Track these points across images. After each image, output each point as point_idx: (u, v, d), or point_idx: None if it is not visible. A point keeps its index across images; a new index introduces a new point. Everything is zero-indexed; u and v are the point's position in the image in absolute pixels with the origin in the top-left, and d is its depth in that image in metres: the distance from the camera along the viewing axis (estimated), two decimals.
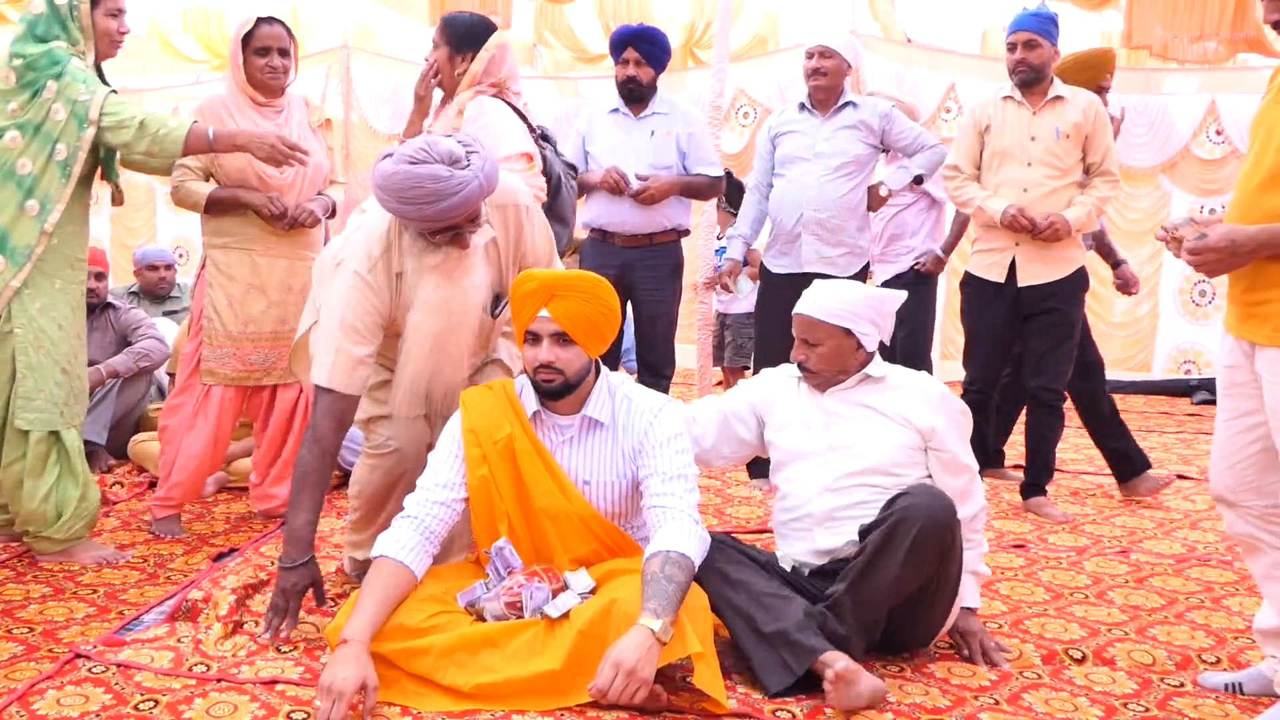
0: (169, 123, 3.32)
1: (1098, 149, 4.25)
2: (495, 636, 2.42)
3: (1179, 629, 3.04)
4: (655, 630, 2.29)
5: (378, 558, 2.53)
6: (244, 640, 2.75)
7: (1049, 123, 4.23)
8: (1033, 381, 4.37)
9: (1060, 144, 4.21)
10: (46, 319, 3.34)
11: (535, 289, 2.61)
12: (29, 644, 2.75)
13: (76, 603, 3.08)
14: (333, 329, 2.76)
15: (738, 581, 2.62)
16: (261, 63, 3.70)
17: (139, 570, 3.40)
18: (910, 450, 2.79)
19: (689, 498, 2.60)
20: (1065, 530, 4.11)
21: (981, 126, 4.35)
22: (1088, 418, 4.75)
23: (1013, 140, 4.27)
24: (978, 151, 4.37)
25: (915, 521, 2.52)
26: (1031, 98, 4.28)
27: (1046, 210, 4.19)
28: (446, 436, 2.72)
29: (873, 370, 2.87)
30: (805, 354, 2.85)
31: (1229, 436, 2.51)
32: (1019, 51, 4.24)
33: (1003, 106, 4.33)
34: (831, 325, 2.80)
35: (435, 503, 2.63)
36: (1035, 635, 2.97)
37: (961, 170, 4.40)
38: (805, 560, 2.82)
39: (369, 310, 2.78)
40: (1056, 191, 4.22)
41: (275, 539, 3.72)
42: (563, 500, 2.65)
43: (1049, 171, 4.22)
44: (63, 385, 3.37)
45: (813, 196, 4.50)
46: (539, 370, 2.64)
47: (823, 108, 4.58)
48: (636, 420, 2.69)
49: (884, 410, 2.82)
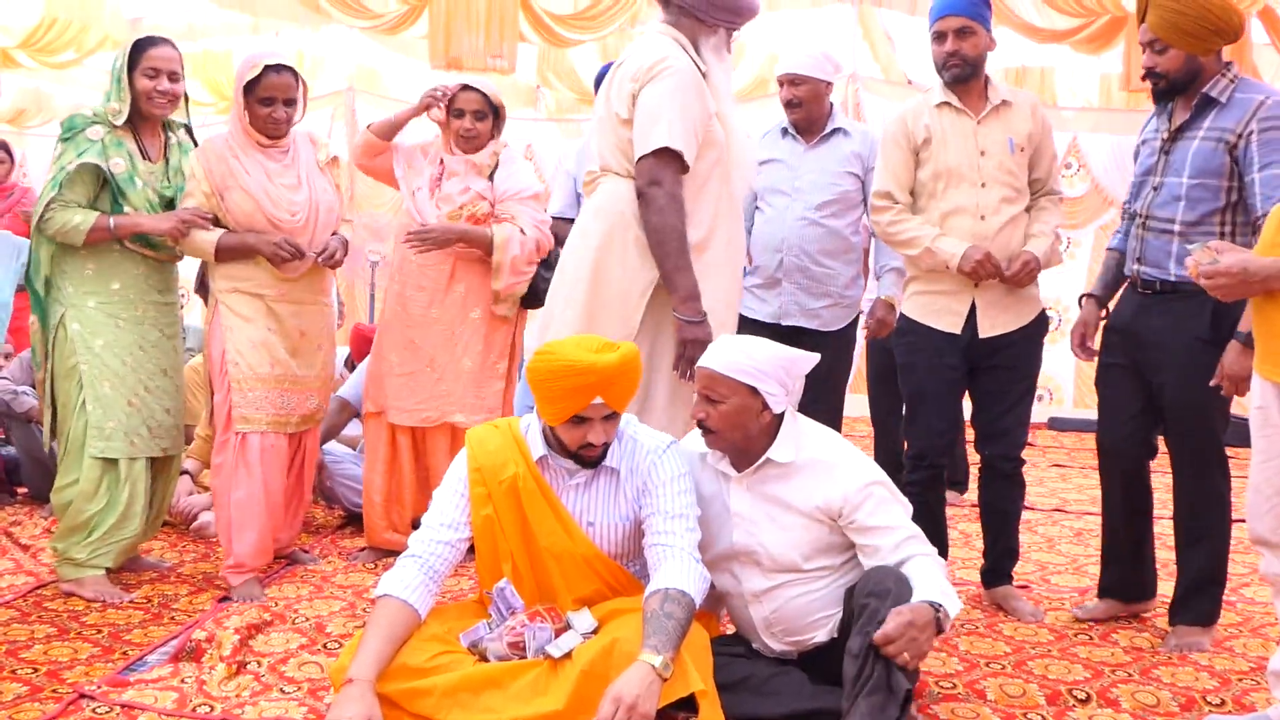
0: (73, 219, 3.44)
1: (1044, 163, 3.49)
2: (498, 677, 2.42)
3: (1183, 670, 3.04)
4: (656, 666, 2.30)
5: (382, 596, 2.54)
6: (248, 681, 2.76)
7: (998, 133, 3.41)
8: (986, 449, 3.54)
9: (1016, 158, 3.41)
10: (110, 354, 3.52)
11: (594, 382, 2.52)
12: (33, 684, 2.75)
13: (81, 643, 3.08)
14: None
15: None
16: (265, 113, 3.55)
17: (143, 610, 3.40)
18: (823, 543, 2.64)
19: (690, 536, 2.61)
20: (1069, 571, 4.10)
21: (916, 141, 3.46)
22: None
23: (959, 157, 3.41)
24: (912, 173, 3.49)
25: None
26: (971, 102, 3.44)
27: (1006, 243, 3.39)
28: (452, 476, 2.73)
29: (777, 454, 2.63)
30: (706, 411, 2.61)
31: (1265, 478, 2.50)
32: (949, 42, 3.38)
33: (939, 115, 3.46)
34: (736, 382, 2.58)
35: (440, 542, 2.64)
36: (1039, 676, 2.96)
37: (894, 198, 3.49)
38: (782, 653, 2.74)
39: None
40: (1015, 219, 3.41)
41: (280, 579, 3.72)
42: (567, 540, 2.66)
43: (1005, 193, 3.40)
44: (131, 415, 3.54)
45: (793, 240, 3.98)
46: (587, 448, 2.62)
47: (806, 135, 4.12)
48: (641, 461, 2.70)
49: (791, 503, 2.63)
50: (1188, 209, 3.14)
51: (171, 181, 3.65)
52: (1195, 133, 3.16)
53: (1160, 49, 3.16)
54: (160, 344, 3.65)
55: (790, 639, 2.69)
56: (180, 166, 3.68)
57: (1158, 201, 3.20)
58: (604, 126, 3.13)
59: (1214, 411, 3.20)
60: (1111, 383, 3.38)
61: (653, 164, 2.95)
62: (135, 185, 3.54)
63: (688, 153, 2.97)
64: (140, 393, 3.58)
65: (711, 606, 2.85)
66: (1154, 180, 3.24)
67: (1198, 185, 3.13)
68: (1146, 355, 3.25)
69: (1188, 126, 3.18)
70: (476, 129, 3.89)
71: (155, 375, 3.63)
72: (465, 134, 3.88)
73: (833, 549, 2.66)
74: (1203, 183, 3.13)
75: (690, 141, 2.97)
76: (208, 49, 11.46)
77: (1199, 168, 3.13)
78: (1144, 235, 3.24)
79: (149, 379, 3.61)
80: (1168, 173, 3.20)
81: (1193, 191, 3.14)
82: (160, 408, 3.64)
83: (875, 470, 2.66)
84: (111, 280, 3.56)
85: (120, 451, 3.54)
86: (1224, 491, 3.24)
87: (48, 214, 3.45)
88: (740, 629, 2.85)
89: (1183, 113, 3.22)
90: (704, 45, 3.09)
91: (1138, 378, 3.29)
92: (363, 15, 9.07)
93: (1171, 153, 3.21)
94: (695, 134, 2.99)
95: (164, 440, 3.67)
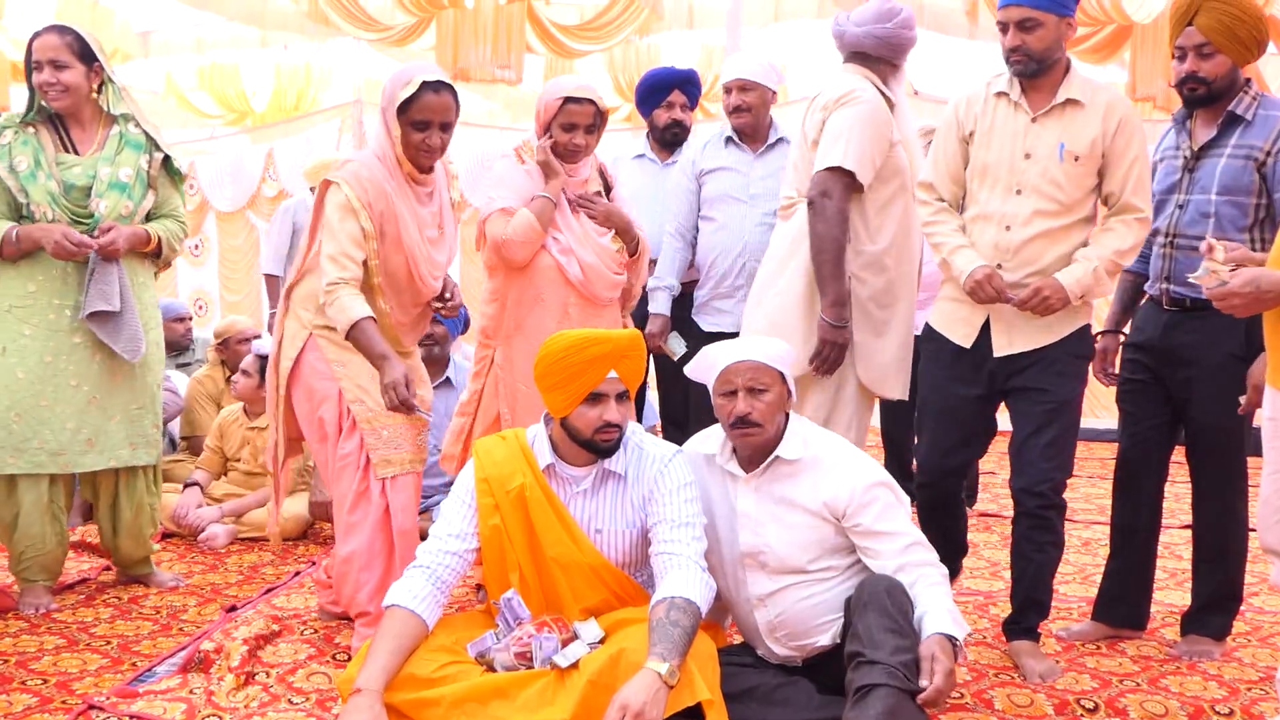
0: None
1: (1118, 175, 3.00)
2: (505, 687, 2.42)
3: (1191, 680, 3.03)
4: (662, 673, 2.30)
5: (390, 607, 2.55)
6: (256, 691, 2.77)
7: (1052, 135, 3.01)
8: (1014, 482, 3.14)
9: (1067, 168, 3.00)
10: (6, 366, 3.37)
11: (609, 351, 2.61)
12: (43, 695, 2.77)
13: (90, 654, 3.09)
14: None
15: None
16: (419, 138, 3.07)
17: (152, 621, 3.41)
18: (828, 543, 2.65)
19: (696, 545, 2.61)
20: (1077, 581, 4.09)
21: (965, 130, 3.14)
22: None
23: (1000, 155, 3.06)
24: (961, 165, 3.15)
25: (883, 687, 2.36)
26: (1035, 96, 3.05)
27: (1032, 260, 3.02)
28: (460, 486, 2.74)
29: (786, 451, 2.65)
30: (751, 405, 2.60)
31: (1276, 489, 2.48)
32: (1011, 35, 3.01)
33: (994, 105, 3.11)
34: (776, 371, 2.66)
35: (447, 552, 2.64)
36: (1047, 685, 2.95)
37: (936, 191, 3.19)
38: (786, 658, 2.75)
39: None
40: (1051, 235, 3.01)
41: (287, 590, 3.73)
42: (574, 550, 2.67)
43: (1043, 205, 3.01)
44: (15, 432, 3.37)
45: (754, 245, 3.94)
46: (604, 430, 2.64)
47: (752, 142, 4.13)
48: (647, 469, 2.71)
49: (797, 501, 2.64)
50: (1217, 226, 3.10)
51: (100, 173, 3.43)
52: (1222, 150, 3.12)
53: (1208, 53, 3.05)
54: (77, 351, 3.43)
55: (794, 643, 2.70)
56: (116, 157, 3.48)
57: (1185, 220, 3.15)
58: (801, 154, 3.40)
59: (1241, 430, 3.18)
60: (1135, 400, 3.32)
61: (826, 177, 3.22)
62: (36, 180, 3.36)
63: (860, 173, 3.22)
64: (37, 405, 3.38)
65: (717, 616, 2.86)
66: (1178, 198, 3.18)
67: (1227, 202, 3.09)
68: (1176, 372, 3.20)
69: (1213, 144, 3.13)
70: (589, 143, 3.42)
71: (62, 389, 3.40)
72: (573, 149, 3.38)
73: (838, 550, 2.67)
74: (1232, 199, 3.09)
75: (865, 164, 3.23)
76: (216, 61, 11.55)
77: (1227, 185, 3.09)
78: (1172, 253, 3.18)
79: (56, 391, 3.40)
80: (1193, 190, 3.15)
81: (1222, 208, 3.10)
82: (64, 424, 3.41)
83: (879, 470, 2.68)
84: (28, 281, 3.39)
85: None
86: (1243, 509, 3.23)
87: None
88: (744, 635, 2.85)
89: (1205, 130, 3.16)
90: (890, 80, 3.39)
91: (1162, 394, 3.26)
92: (370, 28, 9.12)
93: (1196, 170, 3.16)
94: (873, 158, 3.25)
95: (69, 457, 3.44)
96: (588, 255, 3.39)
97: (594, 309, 3.43)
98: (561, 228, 3.38)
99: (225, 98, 11.76)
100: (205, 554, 4.28)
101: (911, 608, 2.48)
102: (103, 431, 3.49)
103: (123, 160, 3.50)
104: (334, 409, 3.11)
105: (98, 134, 3.53)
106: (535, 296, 3.37)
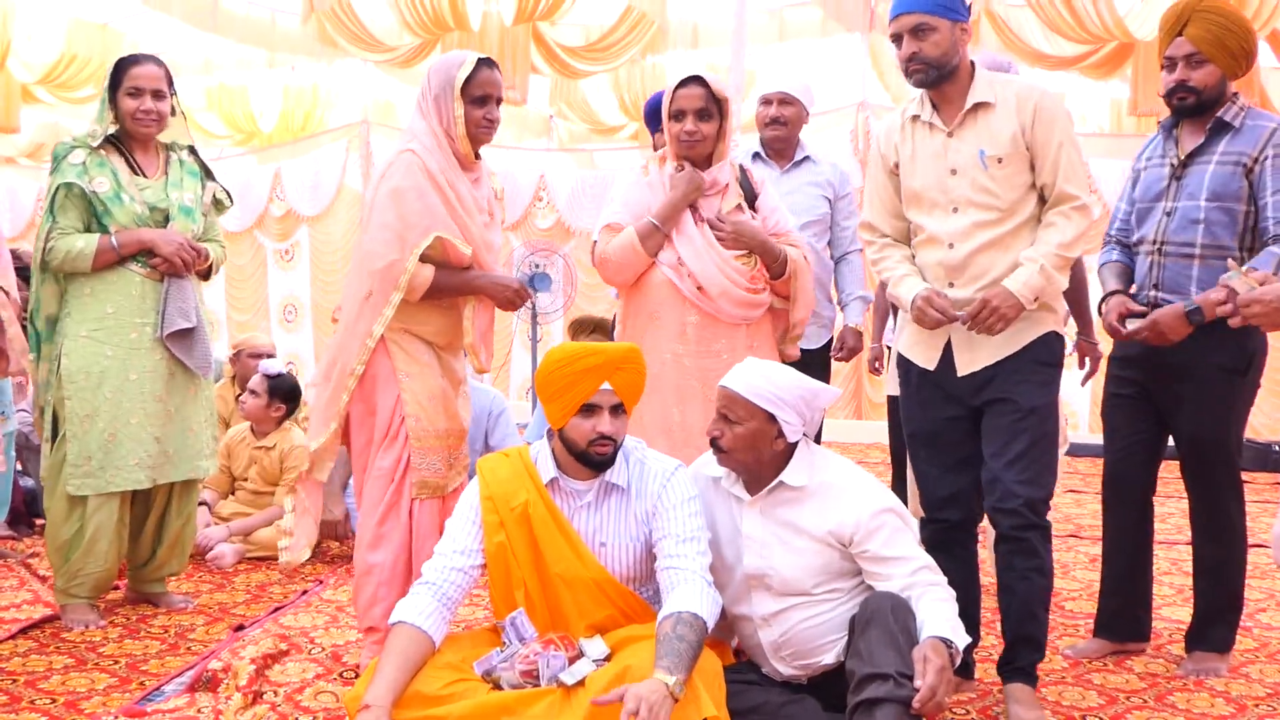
0: (76, 245, 3.43)
1: (1047, 164, 2.81)
2: (512, 704, 2.43)
3: (1199, 696, 3.03)
4: (669, 685, 2.30)
5: (396, 624, 2.56)
6: (264, 711, 2.77)
7: (970, 145, 2.85)
8: (984, 502, 2.96)
9: (993, 173, 2.83)
10: (92, 388, 3.48)
11: (601, 363, 2.62)
12: (51, 714, 2.78)
13: (98, 673, 3.10)
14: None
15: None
16: (480, 114, 3.05)
17: (160, 640, 3.42)
18: (834, 568, 2.64)
19: (701, 560, 2.62)
20: (1084, 598, 4.09)
21: (890, 163, 3.01)
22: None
23: (926, 179, 2.91)
24: (896, 198, 3.01)
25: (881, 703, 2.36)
26: (946, 110, 2.90)
27: (980, 273, 2.86)
28: (464, 504, 2.75)
29: (790, 478, 2.65)
30: (721, 430, 2.64)
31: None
32: (906, 44, 2.84)
33: (911, 131, 2.97)
34: (755, 405, 2.60)
35: (453, 569, 2.65)
36: (1053, 702, 2.96)
37: (878, 230, 3.07)
38: (791, 677, 2.75)
39: None
40: (997, 243, 2.85)
41: (294, 609, 3.74)
42: (579, 565, 2.68)
43: (982, 216, 2.84)
44: (111, 451, 3.49)
45: None
46: (598, 442, 2.64)
47: (780, 159, 4.18)
48: (650, 483, 2.72)
49: (803, 527, 2.64)
50: (1206, 232, 3.13)
51: (170, 196, 3.59)
52: (1210, 157, 3.15)
53: (1198, 62, 3.10)
54: (158, 368, 3.55)
55: (799, 662, 2.69)
56: (181, 182, 3.65)
57: (1173, 226, 3.18)
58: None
59: (1233, 440, 3.19)
60: (1121, 414, 3.35)
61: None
62: (122, 201, 3.49)
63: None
64: (129, 424, 3.49)
65: (724, 634, 2.86)
66: (1165, 205, 3.21)
67: (1216, 208, 3.12)
68: (1166, 385, 3.21)
69: (1200, 151, 3.17)
70: (701, 131, 3.16)
71: (148, 405, 3.53)
72: (688, 139, 3.17)
73: (843, 574, 2.66)
74: (1222, 205, 3.12)
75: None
76: (223, 83, 11.63)
77: (1216, 191, 3.12)
78: (1160, 260, 3.20)
79: (144, 408, 3.52)
80: (1181, 197, 3.19)
81: (1211, 214, 3.13)
82: (149, 437, 3.54)
83: (888, 496, 2.66)
84: (106, 303, 3.50)
85: (93, 488, 3.48)
86: (1240, 520, 3.23)
87: (49, 245, 3.45)
88: (749, 653, 2.85)
89: (1192, 138, 3.20)
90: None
91: (1149, 409, 3.27)
92: (376, 49, 9.17)
93: (1184, 177, 3.19)
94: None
95: (157, 470, 3.57)
96: (707, 269, 3.15)
97: (718, 329, 3.20)
98: (680, 240, 3.18)
99: (233, 118, 11.83)
100: (213, 573, 4.30)
101: (915, 625, 2.48)
102: (183, 444, 3.66)
103: (186, 186, 3.68)
104: (387, 415, 3.07)
105: (158, 159, 3.68)
106: (651, 313, 3.22)
